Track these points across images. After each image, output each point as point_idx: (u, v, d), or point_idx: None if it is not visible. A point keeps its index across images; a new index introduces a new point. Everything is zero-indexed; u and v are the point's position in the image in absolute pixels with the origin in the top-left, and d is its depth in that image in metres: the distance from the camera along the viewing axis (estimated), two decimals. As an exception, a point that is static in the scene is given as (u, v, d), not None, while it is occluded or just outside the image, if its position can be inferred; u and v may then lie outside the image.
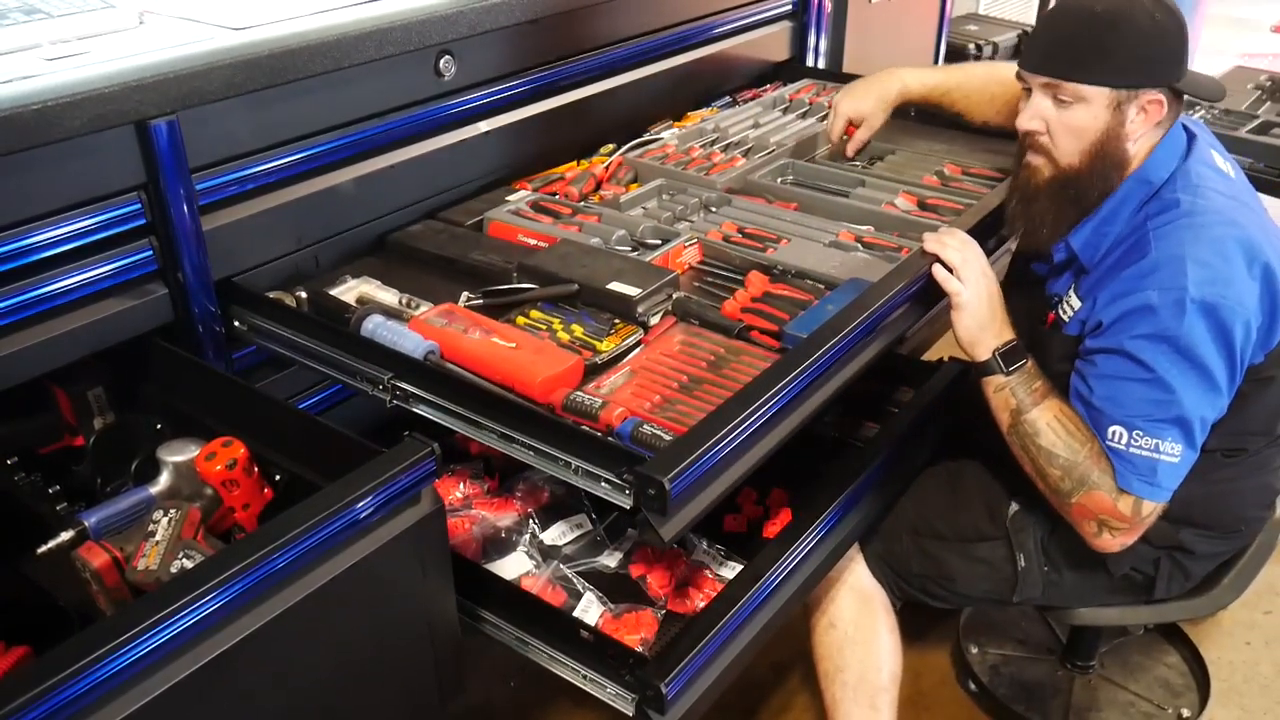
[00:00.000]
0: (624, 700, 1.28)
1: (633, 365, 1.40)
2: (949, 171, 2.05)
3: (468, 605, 1.40)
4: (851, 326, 1.37)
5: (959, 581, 1.72)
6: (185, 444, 1.29)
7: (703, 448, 1.13)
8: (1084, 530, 1.53)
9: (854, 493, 1.61)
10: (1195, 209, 1.47)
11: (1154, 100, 1.48)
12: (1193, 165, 1.52)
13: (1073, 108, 1.49)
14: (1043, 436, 1.51)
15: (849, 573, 1.73)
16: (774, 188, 1.95)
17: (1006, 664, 2.28)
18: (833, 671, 1.73)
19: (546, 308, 1.51)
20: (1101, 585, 1.70)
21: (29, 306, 1.28)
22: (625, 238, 1.72)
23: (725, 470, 1.19)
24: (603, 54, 2.02)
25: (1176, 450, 1.44)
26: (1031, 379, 1.55)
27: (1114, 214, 1.54)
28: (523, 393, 1.30)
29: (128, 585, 1.14)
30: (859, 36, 2.75)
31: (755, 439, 1.22)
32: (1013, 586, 1.69)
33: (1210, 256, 1.42)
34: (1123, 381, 1.45)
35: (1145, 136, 1.51)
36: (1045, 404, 1.53)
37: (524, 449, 1.25)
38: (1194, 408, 1.43)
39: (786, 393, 1.25)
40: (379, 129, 1.63)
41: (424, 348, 1.36)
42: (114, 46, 1.37)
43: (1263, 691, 2.27)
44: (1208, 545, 1.67)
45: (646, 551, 1.56)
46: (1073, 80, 1.48)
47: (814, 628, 1.75)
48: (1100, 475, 1.48)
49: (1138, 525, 1.50)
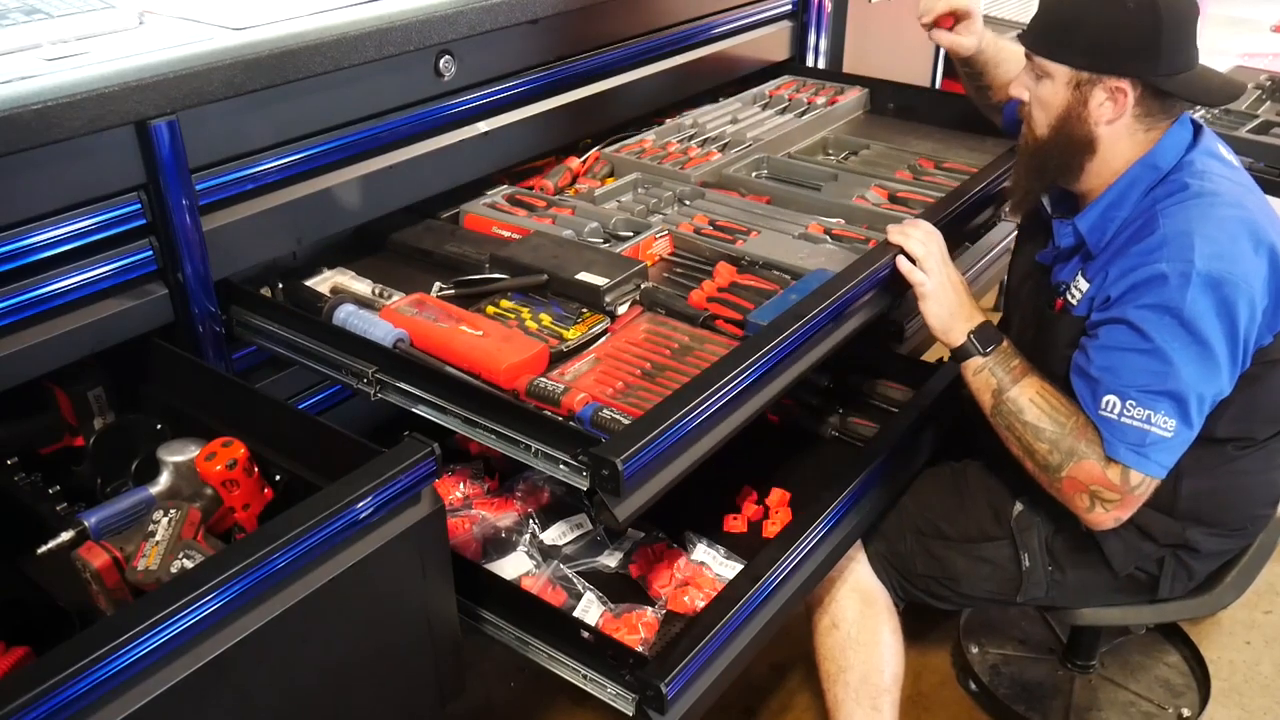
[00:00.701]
0: (624, 700, 1.29)
1: (598, 353, 1.42)
2: (922, 166, 2.06)
3: (468, 605, 1.40)
4: (812, 315, 1.39)
5: (963, 582, 1.72)
6: (185, 444, 1.29)
7: (657, 430, 1.15)
8: (1077, 506, 1.53)
9: (854, 493, 1.61)
10: (1203, 191, 1.48)
11: (1117, 88, 1.49)
12: (1199, 155, 1.53)
13: (1042, 81, 1.55)
14: (1027, 413, 1.53)
15: (852, 574, 1.73)
16: (747, 181, 1.97)
17: (1007, 664, 2.28)
18: (835, 673, 1.73)
19: (516, 298, 1.53)
20: (1105, 585, 1.70)
21: (29, 307, 1.28)
22: (598, 230, 1.75)
23: (682, 453, 1.21)
24: (603, 54, 2.02)
25: (1170, 425, 1.44)
26: (1009, 358, 1.57)
27: (1122, 197, 1.55)
28: (488, 379, 1.33)
29: (128, 585, 1.14)
30: (859, 36, 2.76)
31: (712, 423, 1.24)
32: (1017, 587, 1.69)
33: (1217, 233, 1.44)
34: (1122, 352, 1.46)
35: (1124, 125, 1.52)
36: (1025, 381, 1.55)
37: (486, 433, 1.27)
38: (1192, 383, 1.43)
39: (744, 378, 1.27)
40: (379, 129, 1.63)
41: (393, 335, 1.39)
42: (114, 47, 1.37)
43: (1263, 691, 2.27)
44: (1214, 543, 1.67)
45: (646, 551, 1.56)
46: (1038, 55, 1.55)
47: (816, 629, 1.75)
48: (1088, 445, 1.48)
49: (1129, 498, 1.49)
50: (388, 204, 1.70)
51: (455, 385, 1.31)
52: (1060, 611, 1.81)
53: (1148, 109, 1.51)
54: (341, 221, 1.64)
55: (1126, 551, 1.65)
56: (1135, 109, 1.51)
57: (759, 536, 1.62)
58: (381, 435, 1.26)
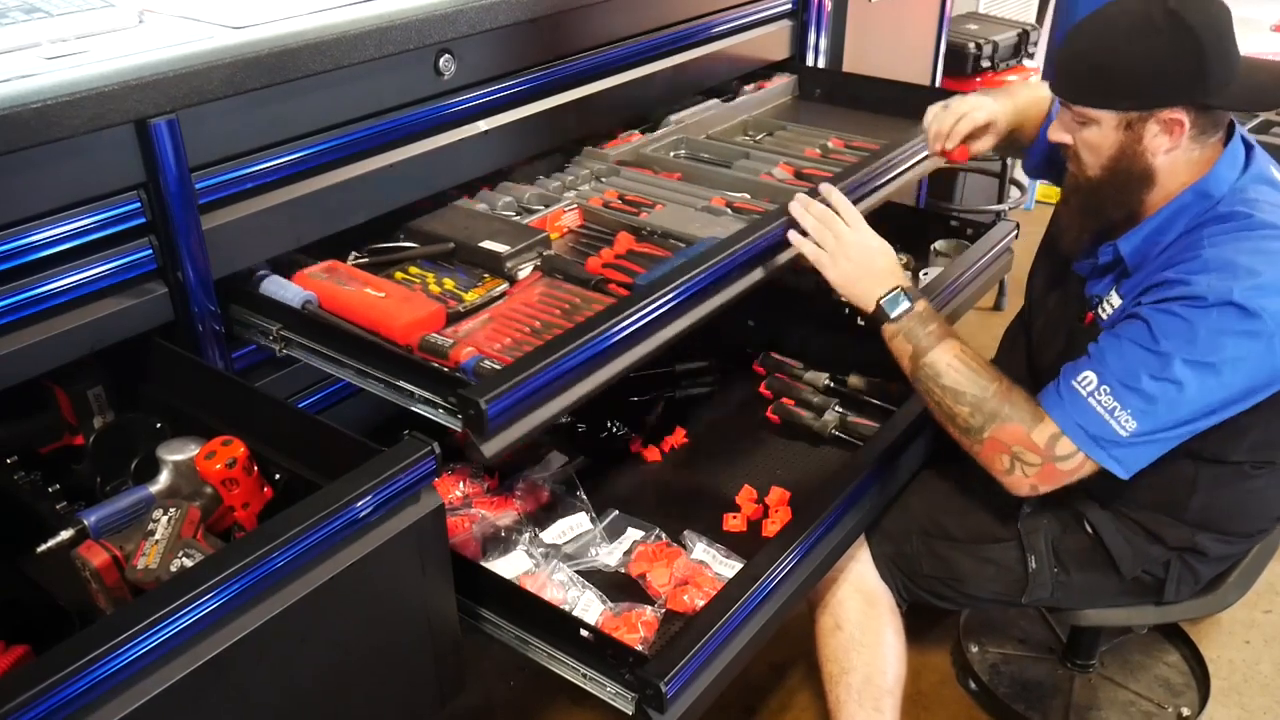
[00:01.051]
0: (624, 699, 1.29)
1: (492, 313, 1.49)
2: (832, 145, 2.10)
3: (467, 605, 1.40)
4: (690, 276, 1.44)
5: (969, 583, 1.71)
6: (185, 443, 1.29)
7: (522, 375, 1.22)
8: (996, 467, 1.51)
9: (854, 492, 1.61)
10: (1254, 223, 1.43)
11: (1172, 119, 1.43)
12: (1251, 182, 1.48)
13: (1088, 126, 1.49)
14: (945, 376, 1.52)
15: (855, 574, 1.72)
16: (661, 159, 2.02)
17: (1007, 663, 2.28)
18: (838, 674, 1.72)
19: (425, 265, 1.63)
20: (1111, 587, 1.69)
21: (29, 306, 1.27)
22: (512, 204, 1.82)
23: (552, 398, 1.29)
24: (602, 53, 2.02)
25: (1129, 427, 1.41)
26: (926, 321, 1.55)
27: (1169, 223, 1.50)
28: (386, 336, 1.41)
29: (127, 584, 1.14)
30: (859, 35, 2.75)
31: (583, 371, 1.32)
32: (1023, 588, 1.69)
33: (1264, 267, 1.39)
34: (1127, 342, 1.43)
35: (1182, 150, 1.47)
36: (944, 345, 1.53)
37: (376, 382, 1.35)
38: (1175, 401, 1.39)
39: (614, 331, 1.33)
40: (379, 128, 1.63)
41: (301, 297, 1.47)
42: (114, 45, 1.36)
43: (1263, 690, 2.27)
44: (1222, 548, 1.66)
45: (646, 550, 1.56)
46: (1079, 104, 1.49)
47: (819, 630, 1.74)
48: (1011, 409, 1.47)
49: (1051, 466, 1.46)
50: (388, 203, 1.70)
51: (351, 340, 1.39)
52: (1064, 612, 1.81)
53: (1201, 128, 1.46)
54: (343, 220, 1.64)
55: (1135, 555, 1.64)
56: (1191, 131, 1.45)
57: (759, 536, 1.62)
58: (381, 434, 1.26)
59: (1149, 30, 1.41)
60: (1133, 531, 1.63)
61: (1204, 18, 1.41)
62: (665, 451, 1.79)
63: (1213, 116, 1.46)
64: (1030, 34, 3.89)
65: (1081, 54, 1.48)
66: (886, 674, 1.71)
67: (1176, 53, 1.40)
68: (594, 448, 1.84)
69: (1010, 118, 1.83)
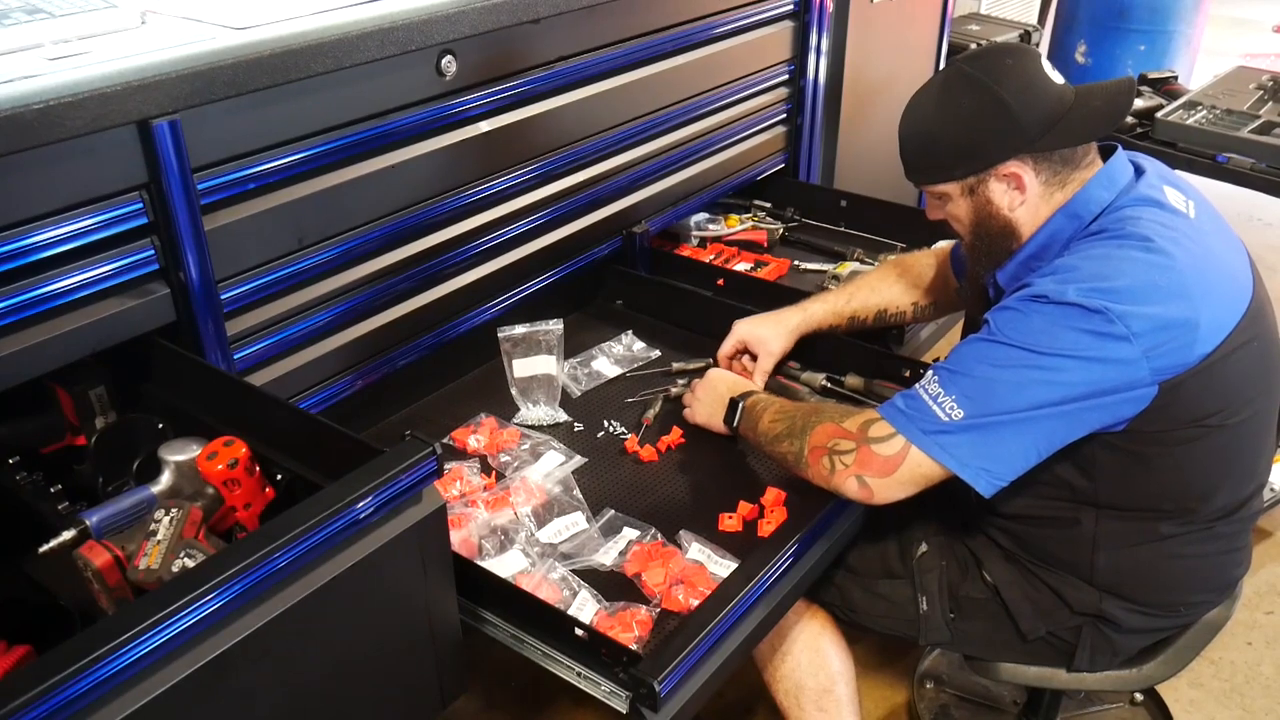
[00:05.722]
0: (618, 698, 1.29)
1: None
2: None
3: (467, 604, 1.40)
4: None
5: (860, 614, 1.71)
6: (187, 443, 1.30)
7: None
8: (821, 475, 1.49)
9: (851, 493, 1.61)
10: (1119, 234, 1.42)
11: (1009, 173, 1.47)
12: (1131, 202, 1.46)
13: (944, 200, 1.57)
14: (770, 432, 1.60)
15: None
16: None
17: (959, 707, 2.20)
18: (780, 688, 1.74)
19: None
20: (1013, 644, 1.64)
21: (31, 306, 1.28)
22: None
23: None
24: (604, 54, 2.03)
25: (955, 415, 1.38)
26: (754, 407, 1.66)
27: (1043, 249, 1.50)
28: None
29: (129, 584, 1.15)
30: (860, 36, 2.76)
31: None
32: (916, 627, 1.67)
33: (1107, 270, 1.37)
34: (968, 341, 1.45)
35: (1038, 197, 1.49)
36: (768, 413, 1.63)
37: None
38: (1000, 387, 1.37)
39: None
40: (380, 129, 1.63)
41: None
42: (116, 46, 1.37)
43: (1264, 691, 2.28)
44: (1137, 620, 1.57)
45: (642, 550, 1.56)
46: (923, 185, 1.59)
47: (768, 666, 1.74)
48: (819, 416, 1.53)
49: (866, 450, 1.44)
50: (389, 203, 1.71)
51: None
52: (976, 663, 1.72)
53: (1053, 170, 1.47)
54: (344, 221, 1.64)
55: (1036, 614, 1.60)
56: (1038, 178, 1.47)
57: (754, 535, 1.62)
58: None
59: (952, 101, 1.49)
60: (1036, 589, 1.59)
61: (999, 73, 1.46)
62: (662, 451, 1.80)
63: (1059, 156, 1.47)
64: (1032, 35, 3.89)
65: (909, 138, 1.57)
66: (819, 674, 1.69)
67: (982, 113, 1.46)
68: (591, 447, 1.84)
69: (792, 337, 1.93)
